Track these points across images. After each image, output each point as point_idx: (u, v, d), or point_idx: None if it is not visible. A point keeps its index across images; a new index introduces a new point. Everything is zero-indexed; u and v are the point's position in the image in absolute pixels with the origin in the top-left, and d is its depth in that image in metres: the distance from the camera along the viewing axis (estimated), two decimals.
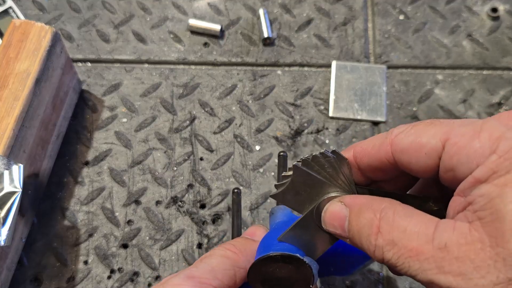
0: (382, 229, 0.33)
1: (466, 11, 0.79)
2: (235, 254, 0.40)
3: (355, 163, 0.38)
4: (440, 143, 0.32)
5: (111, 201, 0.65)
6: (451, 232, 0.30)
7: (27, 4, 0.78)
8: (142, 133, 0.70)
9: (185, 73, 0.74)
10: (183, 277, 0.37)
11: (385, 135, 0.36)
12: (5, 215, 0.51)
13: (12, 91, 0.57)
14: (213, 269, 0.38)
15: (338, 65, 0.74)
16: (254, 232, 0.45)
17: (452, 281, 0.29)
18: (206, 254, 0.41)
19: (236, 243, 0.42)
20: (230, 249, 0.41)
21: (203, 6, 0.79)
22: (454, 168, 0.31)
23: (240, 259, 0.40)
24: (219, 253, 0.40)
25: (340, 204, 0.37)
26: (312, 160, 0.38)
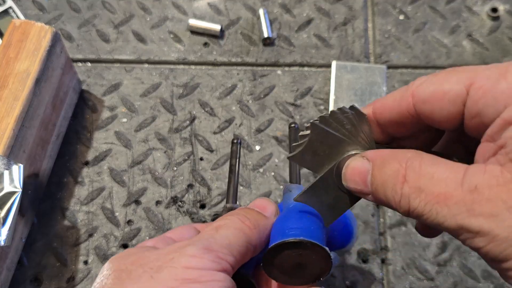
0: (408, 177, 0.31)
1: (466, 11, 0.79)
2: (249, 229, 0.38)
3: (374, 120, 0.36)
4: (464, 89, 0.30)
5: (111, 201, 0.65)
6: (481, 175, 0.28)
7: (27, 4, 0.78)
8: (142, 133, 0.69)
9: (185, 73, 0.74)
10: (201, 248, 0.35)
11: (405, 88, 0.34)
12: (5, 215, 0.51)
13: (12, 91, 0.57)
14: (230, 244, 0.36)
15: (338, 65, 0.74)
16: (264, 207, 0.42)
17: (483, 223, 0.28)
18: (220, 222, 0.39)
19: (251, 217, 0.40)
20: (245, 222, 0.39)
21: (203, 6, 0.79)
22: (480, 113, 0.30)
23: (254, 236, 0.38)
24: (235, 226, 0.38)
25: (362, 159, 0.35)
26: (330, 116, 0.36)
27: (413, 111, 0.33)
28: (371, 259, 0.63)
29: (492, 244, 0.28)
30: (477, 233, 0.28)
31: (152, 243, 0.40)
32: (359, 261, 0.63)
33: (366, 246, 0.63)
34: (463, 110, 0.31)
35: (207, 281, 0.33)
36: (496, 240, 0.28)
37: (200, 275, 0.33)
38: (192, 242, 0.36)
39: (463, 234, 0.29)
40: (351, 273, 0.62)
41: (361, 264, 0.62)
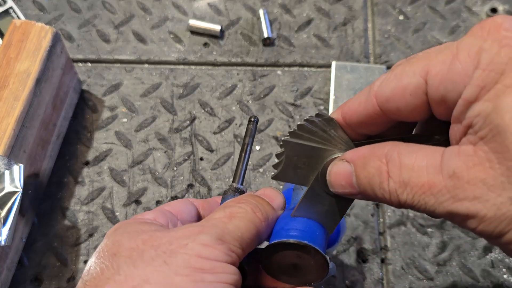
0: (391, 172, 0.31)
1: (465, 11, 0.80)
2: (261, 222, 0.37)
3: (345, 124, 0.36)
4: (422, 79, 0.31)
5: (111, 201, 0.65)
6: (457, 158, 0.29)
7: (27, 4, 0.78)
8: (142, 133, 0.70)
9: (185, 73, 0.74)
10: (215, 238, 0.34)
11: (368, 89, 0.34)
12: (6, 215, 0.51)
13: (12, 91, 0.57)
14: (242, 237, 0.35)
15: (338, 65, 0.74)
16: (273, 198, 0.40)
17: (469, 206, 0.28)
18: (232, 210, 0.37)
19: (262, 208, 0.38)
20: (257, 214, 0.37)
21: (203, 6, 0.79)
22: (443, 99, 0.30)
23: (263, 228, 0.37)
24: (248, 217, 0.37)
25: (343, 162, 0.35)
26: (299, 129, 0.36)
27: (379, 111, 0.34)
28: (371, 259, 0.63)
29: (483, 224, 0.28)
30: (466, 216, 0.29)
31: (152, 216, 0.39)
32: (358, 261, 0.63)
33: (366, 246, 0.63)
34: (427, 100, 0.31)
35: (219, 273, 0.33)
36: (485, 220, 0.28)
37: (213, 267, 0.33)
38: (206, 229, 0.35)
39: (455, 218, 0.29)
40: (351, 273, 0.62)
41: (361, 264, 0.62)
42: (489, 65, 0.28)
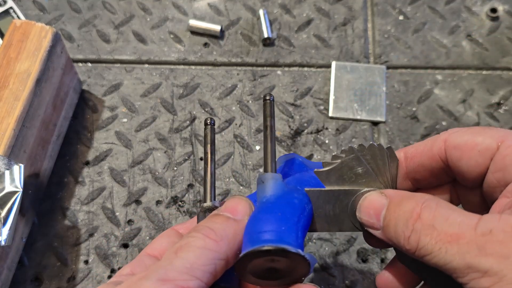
0: (422, 215, 0.32)
1: (465, 12, 0.80)
2: (215, 243, 0.34)
3: (404, 165, 0.38)
4: (495, 144, 0.33)
5: (112, 201, 0.65)
6: (496, 221, 0.30)
7: (27, 4, 0.78)
8: (142, 133, 0.70)
9: (185, 73, 0.74)
10: (156, 280, 0.32)
11: (438, 135, 0.36)
12: (6, 215, 0.51)
13: (12, 91, 0.57)
14: (191, 266, 0.33)
15: (338, 65, 0.74)
16: (235, 208, 0.38)
17: (493, 263, 0.28)
18: (181, 243, 0.35)
19: (216, 227, 0.36)
20: (210, 236, 0.35)
21: (203, 7, 0.79)
22: (504, 168, 0.32)
23: (222, 248, 0.35)
24: (197, 244, 0.34)
25: (381, 194, 0.36)
26: (368, 149, 0.38)
27: (443, 155, 0.36)
28: (371, 258, 0.63)
29: (498, 284, 0.28)
30: (485, 272, 0.29)
31: (128, 269, 0.37)
32: (358, 261, 0.63)
33: (366, 245, 0.63)
34: (489, 164, 0.33)
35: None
36: (503, 281, 0.28)
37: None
38: (148, 274, 0.33)
39: (470, 274, 0.29)
40: (351, 272, 0.62)
41: (361, 264, 0.62)
42: None
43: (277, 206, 0.37)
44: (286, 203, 0.38)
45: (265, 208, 0.37)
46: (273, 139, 0.41)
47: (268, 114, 0.42)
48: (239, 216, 0.37)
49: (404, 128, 0.71)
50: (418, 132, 0.71)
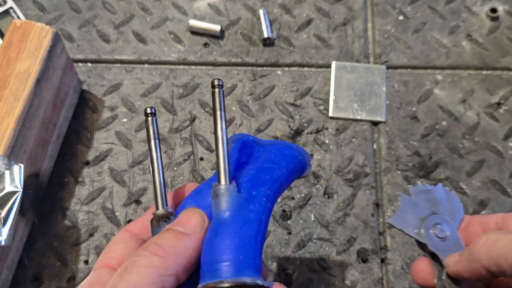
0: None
1: (465, 12, 0.80)
2: (162, 260, 0.34)
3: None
4: None
5: (112, 201, 0.65)
6: None
7: (27, 4, 0.78)
8: (142, 133, 0.70)
9: (185, 73, 0.74)
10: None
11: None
12: (6, 215, 0.51)
13: (12, 91, 0.57)
14: (135, 287, 0.32)
15: (338, 65, 0.74)
16: (187, 221, 0.36)
17: None
18: (126, 264, 0.34)
19: (164, 243, 0.35)
20: (156, 253, 0.34)
21: (203, 7, 0.79)
22: None
23: (169, 265, 0.34)
24: (143, 263, 0.33)
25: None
26: None
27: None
28: (371, 258, 0.63)
29: None
30: None
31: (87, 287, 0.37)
32: (358, 261, 0.63)
33: (366, 245, 0.63)
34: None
35: None
36: None
37: None
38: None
39: None
40: (351, 272, 0.62)
41: (361, 264, 0.62)
42: None
43: (234, 228, 0.36)
44: (243, 222, 0.36)
45: (222, 231, 0.36)
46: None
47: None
48: (191, 230, 0.36)
49: (404, 128, 0.71)
50: (418, 132, 0.71)
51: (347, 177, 0.67)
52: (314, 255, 0.63)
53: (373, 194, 0.66)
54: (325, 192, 0.67)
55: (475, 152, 0.70)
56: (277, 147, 0.43)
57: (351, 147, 0.69)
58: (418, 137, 0.70)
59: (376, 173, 0.68)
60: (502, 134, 0.71)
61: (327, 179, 0.67)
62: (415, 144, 0.70)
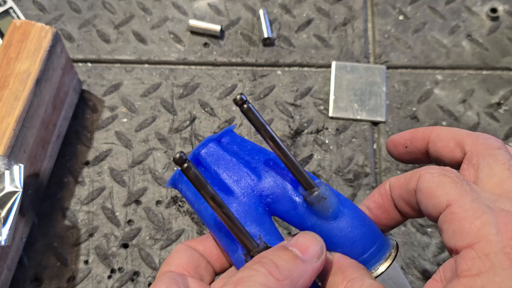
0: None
1: (465, 11, 0.80)
2: (277, 283, 0.32)
3: (390, 196, 0.39)
4: (444, 204, 0.32)
5: (112, 201, 0.65)
6: None
7: (27, 4, 0.78)
8: (142, 133, 0.70)
9: (185, 73, 0.74)
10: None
11: (417, 170, 0.36)
12: (6, 215, 0.51)
13: (12, 91, 0.57)
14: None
15: (338, 65, 0.74)
16: (306, 247, 0.35)
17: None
18: (242, 275, 0.32)
19: (281, 264, 0.33)
20: (273, 273, 0.32)
21: (203, 7, 0.79)
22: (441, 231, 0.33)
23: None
24: (259, 280, 0.31)
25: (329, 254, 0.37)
26: None
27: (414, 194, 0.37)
28: None
29: None
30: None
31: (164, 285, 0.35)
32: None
33: None
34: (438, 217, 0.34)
35: None
36: None
37: None
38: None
39: None
40: None
41: None
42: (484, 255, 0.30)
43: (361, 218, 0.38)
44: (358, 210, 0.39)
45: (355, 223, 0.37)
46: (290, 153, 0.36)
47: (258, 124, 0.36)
48: (309, 257, 0.34)
49: (404, 128, 0.71)
50: None
51: (347, 177, 0.67)
52: None
53: None
54: None
55: None
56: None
57: (351, 147, 0.69)
58: None
59: (376, 173, 0.68)
60: (502, 134, 0.71)
61: (327, 179, 0.67)
62: None
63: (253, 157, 0.40)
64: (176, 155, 0.33)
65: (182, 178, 0.39)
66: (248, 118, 0.36)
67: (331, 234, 0.37)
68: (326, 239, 0.36)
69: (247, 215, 0.37)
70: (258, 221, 0.37)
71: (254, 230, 0.37)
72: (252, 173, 0.38)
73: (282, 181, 0.38)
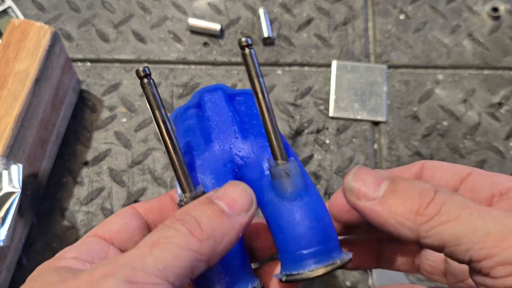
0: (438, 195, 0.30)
1: (466, 11, 0.79)
2: (199, 244, 0.30)
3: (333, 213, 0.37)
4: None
5: (111, 201, 0.65)
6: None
7: (26, 3, 0.78)
8: (141, 133, 0.69)
9: (185, 73, 0.74)
10: (122, 281, 0.27)
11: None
12: (4, 215, 0.51)
13: (11, 91, 0.57)
14: (165, 269, 0.28)
15: (339, 64, 0.74)
16: (233, 200, 0.32)
17: None
18: (159, 235, 0.30)
19: (204, 221, 0.31)
20: (194, 233, 0.30)
21: (203, 6, 0.79)
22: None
23: (205, 250, 0.30)
24: (178, 242, 0.29)
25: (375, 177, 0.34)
26: None
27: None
28: None
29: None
30: None
31: (73, 253, 0.33)
32: None
33: None
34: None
35: None
36: None
37: None
38: (114, 270, 0.28)
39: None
40: (352, 273, 0.62)
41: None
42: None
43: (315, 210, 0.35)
44: (320, 201, 0.36)
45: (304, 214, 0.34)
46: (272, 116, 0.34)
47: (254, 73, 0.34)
48: (236, 212, 0.32)
49: (405, 128, 0.71)
50: (419, 132, 0.70)
51: None
52: None
53: None
54: (325, 192, 0.66)
55: (476, 152, 0.69)
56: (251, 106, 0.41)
57: (351, 147, 0.69)
58: (419, 137, 0.70)
59: None
60: (503, 134, 0.70)
61: (328, 179, 0.67)
62: (416, 144, 0.70)
63: (251, 121, 0.39)
64: (140, 68, 0.32)
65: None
66: (246, 64, 0.34)
67: (281, 215, 0.34)
68: (274, 219, 0.34)
69: (211, 166, 0.37)
70: (219, 175, 0.37)
71: (209, 182, 0.36)
72: (239, 132, 0.38)
73: (261, 150, 0.37)
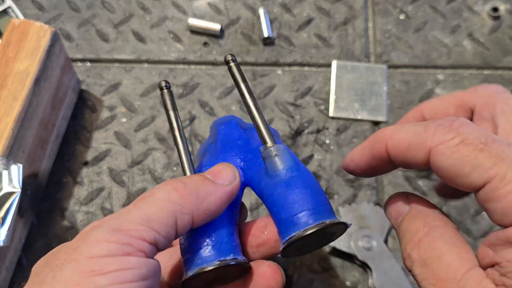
0: (422, 243, 0.32)
1: (466, 11, 0.79)
2: (180, 197, 0.33)
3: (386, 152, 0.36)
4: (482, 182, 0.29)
5: (111, 202, 0.65)
6: (477, 285, 0.29)
7: (26, 3, 0.77)
8: (141, 133, 0.69)
9: (185, 73, 0.74)
10: (109, 230, 0.30)
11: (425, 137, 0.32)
12: (4, 215, 0.51)
13: (11, 91, 0.56)
14: (148, 218, 0.31)
15: (339, 64, 0.74)
16: (218, 172, 0.36)
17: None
18: (145, 193, 0.33)
19: (189, 182, 0.34)
20: (177, 188, 0.33)
21: (203, 6, 0.79)
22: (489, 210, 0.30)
23: (187, 204, 0.33)
24: (161, 195, 0.32)
25: (405, 198, 0.35)
26: None
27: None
28: None
29: None
30: None
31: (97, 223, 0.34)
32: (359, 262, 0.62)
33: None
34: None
35: (112, 271, 0.28)
36: None
37: (105, 265, 0.28)
38: (102, 222, 0.31)
39: None
40: (352, 273, 0.62)
41: (362, 265, 0.62)
42: None
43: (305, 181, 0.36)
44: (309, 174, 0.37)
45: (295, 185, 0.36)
46: (259, 107, 0.40)
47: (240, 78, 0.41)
48: (220, 181, 0.35)
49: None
50: None
51: (348, 177, 0.67)
52: (315, 256, 0.62)
53: (374, 195, 0.66)
54: (326, 192, 0.66)
55: None
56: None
57: (352, 147, 0.69)
58: None
59: None
60: None
61: (328, 179, 0.67)
62: None
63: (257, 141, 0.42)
64: (162, 82, 0.44)
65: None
66: (232, 74, 0.42)
67: (275, 191, 0.36)
68: (270, 198, 0.36)
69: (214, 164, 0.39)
70: None
71: None
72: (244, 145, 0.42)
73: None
